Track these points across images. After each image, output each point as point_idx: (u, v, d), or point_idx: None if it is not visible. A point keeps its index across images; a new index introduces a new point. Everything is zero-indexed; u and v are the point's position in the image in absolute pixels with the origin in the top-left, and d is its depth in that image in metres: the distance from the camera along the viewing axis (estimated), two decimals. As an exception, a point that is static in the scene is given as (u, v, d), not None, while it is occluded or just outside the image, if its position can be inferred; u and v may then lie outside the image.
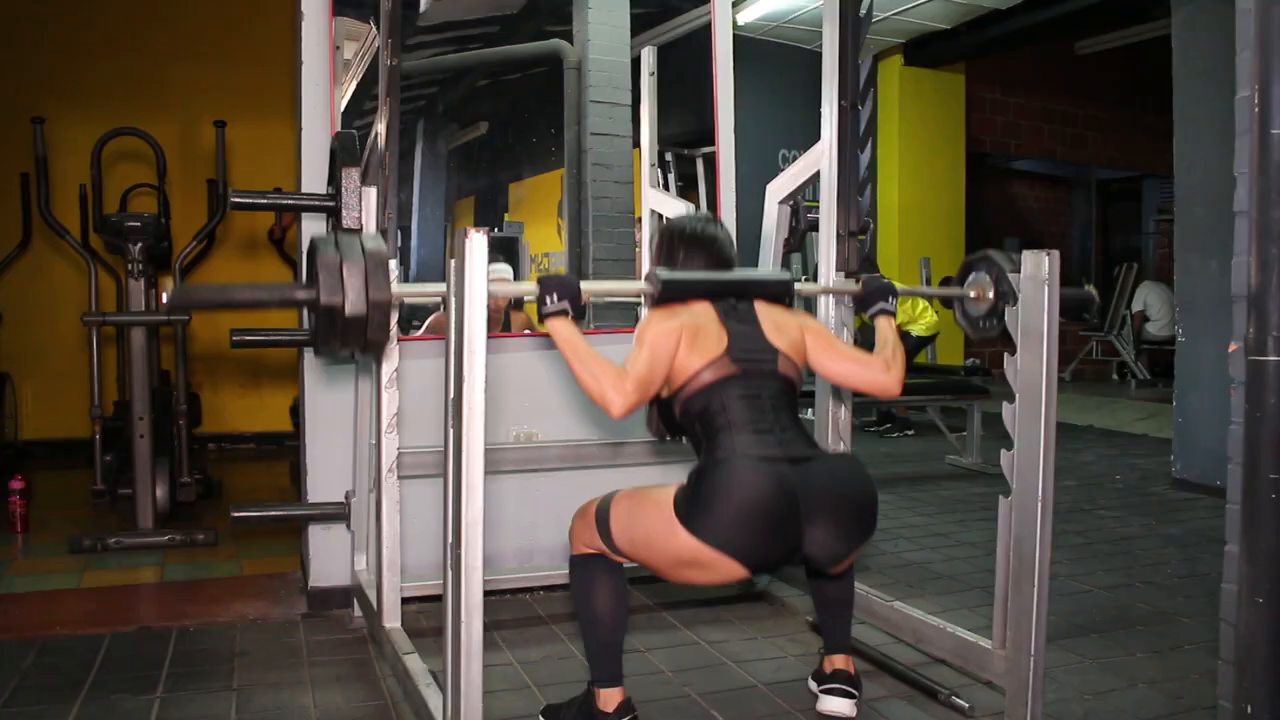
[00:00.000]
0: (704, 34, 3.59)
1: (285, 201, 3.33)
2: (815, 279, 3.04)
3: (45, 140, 4.54)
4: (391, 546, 2.73)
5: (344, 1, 3.14)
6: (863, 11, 2.90)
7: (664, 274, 2.15)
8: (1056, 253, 2.17)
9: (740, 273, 2.30)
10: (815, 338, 2.25)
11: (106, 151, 4.57)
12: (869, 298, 2.41)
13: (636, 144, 3.72)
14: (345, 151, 2.67)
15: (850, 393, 2.92)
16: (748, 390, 2.08)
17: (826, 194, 2.93)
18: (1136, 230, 12.27)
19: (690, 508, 1.96)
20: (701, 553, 1.94)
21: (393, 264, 2.68)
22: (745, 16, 6.78)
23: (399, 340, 2.71)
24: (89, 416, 4.36)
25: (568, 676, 2.59)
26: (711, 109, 3.56)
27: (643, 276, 2.19)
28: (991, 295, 2.33)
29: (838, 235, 2.97)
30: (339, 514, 3.03)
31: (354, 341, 1.87)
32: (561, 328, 2.02)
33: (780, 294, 2.28)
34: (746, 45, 5.45)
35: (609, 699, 2.14)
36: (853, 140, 2.90)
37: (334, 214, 2.80)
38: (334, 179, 2.79)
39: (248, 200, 3.03)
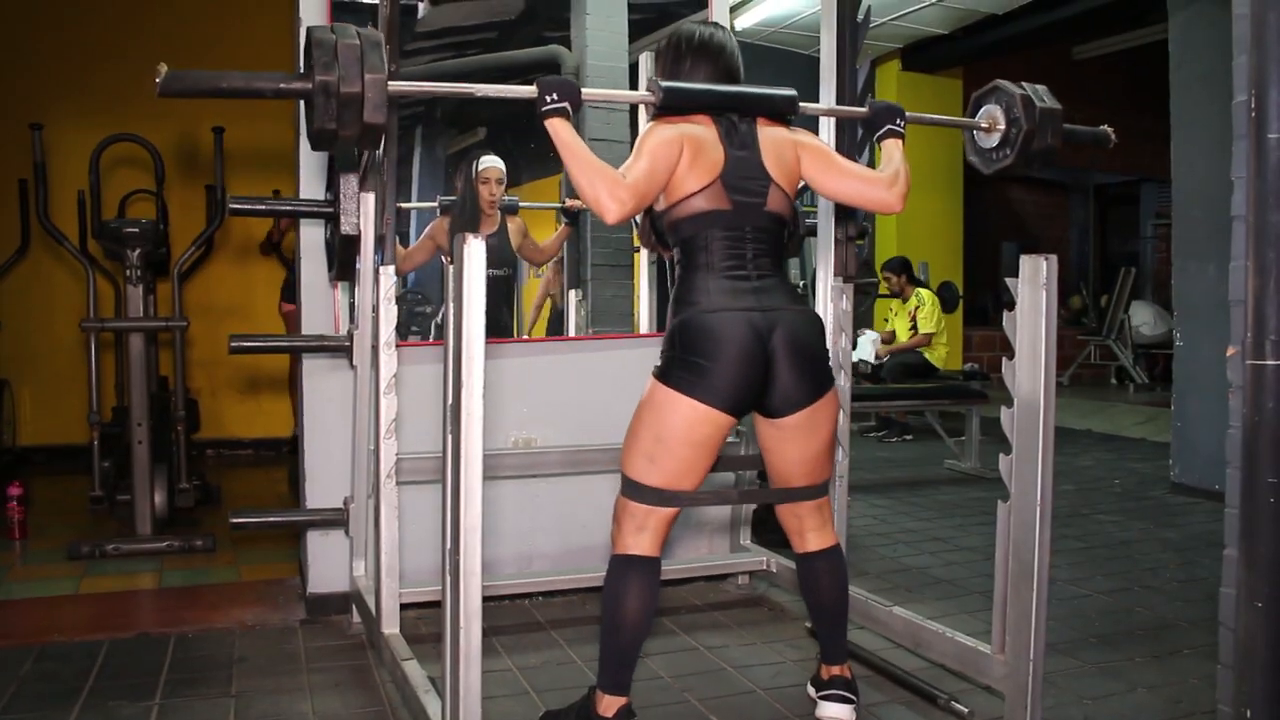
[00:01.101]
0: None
1: (283, 207, 3.34)
2: (813, 284, 3.04)
3: (44, 146, 4.54)
4: (390, 552, 2.73)
5: (342, 7, 3.14)
6: (860, 17, 2.91)
7: (666, 83, 2.11)
8: (1054, 257, 2.17)
9: (743, 88, 2.23)
10: (813, 156, 2.22)
11: (105, 157, 4.58)
12: (876, 118, 2.31)
13: (635, 149, 3.72)
14: (343, 158, 2.68)
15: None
16: (733, 230, 2.11)
17: (824, 199, 2.93)
18: (1134, 235, 12.28)
19: (684, 372, 2.05)
20: (704, 413, 2.04)
21: (391, 269, 2.69)
22: (743, 21, 6.79)
23: (397, 346, 2.71)
24: (87, 422, 4.35)
25: (567, 682, 2.59)
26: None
27: (643, 86, 2.16)
28: (1003, 124, 2.28)
29: (836, 240, 2.98)
30: (337, 520, 3.02)
31: (350, 125, 1.83)
32: (560, 127, 2.00)
33: (783, 110, 2.22)
34: (744, 50, 5.44)
35: (610, 705, 2.12)
36: (851, 145, 2.91)
37: (332, 219, 2.80)
38: (332, 185, 2.80)
39: (246, 206, 3.03)
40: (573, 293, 3.74)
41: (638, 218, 2.27)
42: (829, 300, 2.99)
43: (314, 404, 3.17)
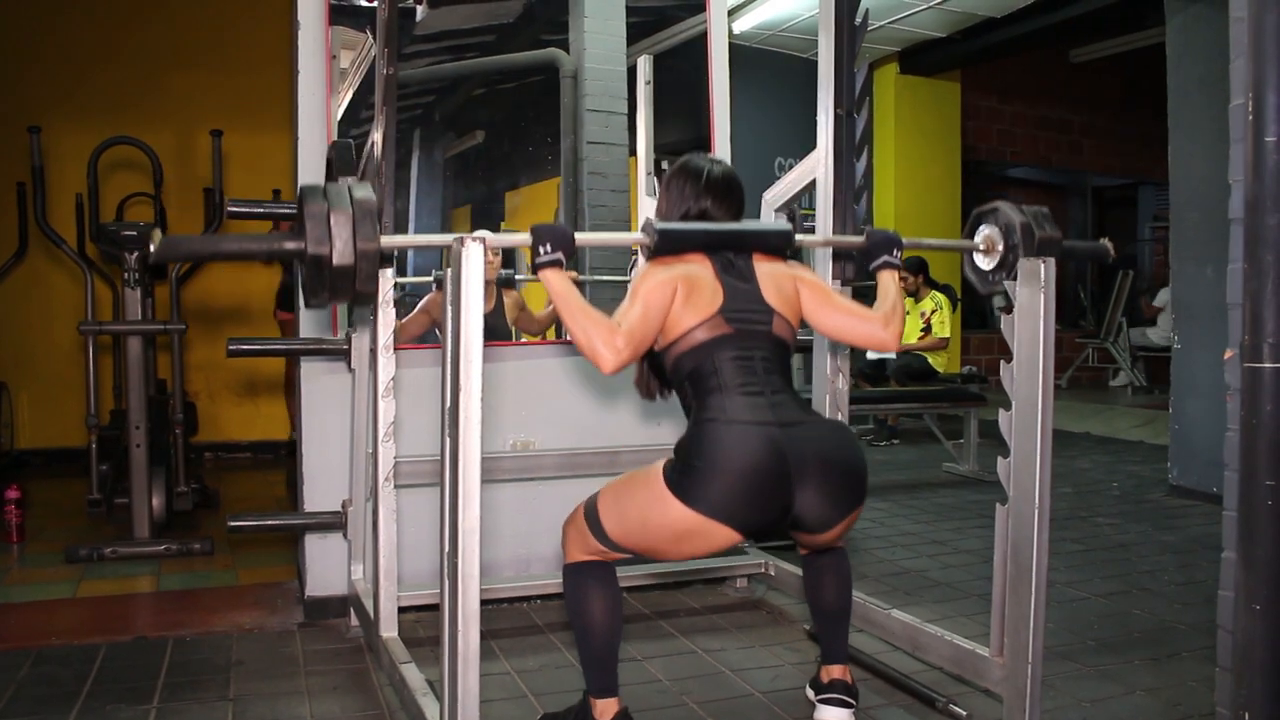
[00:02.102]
0: (700, 43, 3.60)
1: (281, 210, 3.33)
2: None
3: (42, 149, 4.54)
4: (388, 555, 2.73)
5: (341, 10, 3.14)
6: (858, 20, 2.91)
7: (660, 225, 2.09)
8: (1053, 260, 2.17)
9: (738, 225, 2.23)
10: (811, 292, 2.22)
11: (103, 161, 4.57)
12: (873, 249, 2.30)
13: (633, 152, 3.73)
14: (342, 160, 2.68)
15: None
16: (740, 351, 2.07)
17: (822, 202, 2.93)
18: (1132, 237, 12.28)
19: (682, 478, 1.95)
20: (696, 523, 1.94)
21: (389, 272, 2.69)
22: (741, 25, 6.80)
23: (395, 349, 2.71)
24: (85, 426, 4.35)
25: (565, 685, 2.59)
26: (707, 117, 3.57)
27: (640, 227, 2.16)
28: (1001, 248, 2.28)
29: (834, 243, 2.98)
30: (335, 523, 3.02)
31: (342, 293, 1.84)
32: (554, 278, 1.97)
33: (779, 247, 2.22)
34: (742, 54, 5.45)
35: (605, 709, 2.13)
36: (848, 148, 2.91)
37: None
38: (330, 188, 2.79)
39: (244, 209, 3.02)
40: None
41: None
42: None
43: (312, 407, 3.16)
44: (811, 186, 2.99)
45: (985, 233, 2.29)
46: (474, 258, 1.80)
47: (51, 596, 3.45)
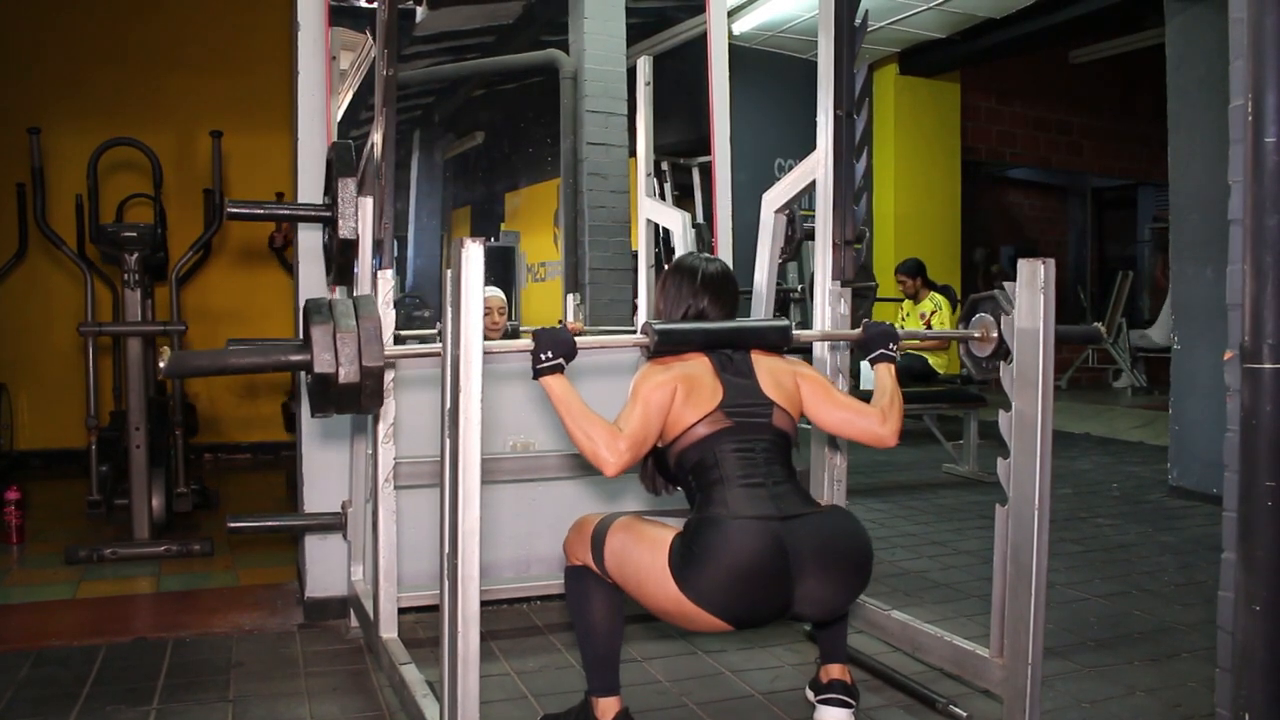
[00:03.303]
0: (699, 44, 3.60)
1: (281, 212, 3.34)
2: (811, 288, 3.04)
3: (42, 150, 4.54)
4: (388, 556, 2.73)
5: (340, 12, 3.15)
6: (858, 21, 2.91)
7: (659, 325, 2.14)
8: (1052, 261, 2.17)
9: (735, 323, 2.27)
10: (811, 387, 2.24)
11: (103, 162, 4.58)
12: (870, 343, 2.35)
13: (632, 153, 3.73)
14: (341, 161, 2.68)
15: (846, 440, 2.92)
16: (742, 444, 2.08)
17: (822, 203, 2.93)
18: (1132, 238, 12.29)
19: (683, 564, 1.95)
20: (688, 608, 1.95)
21: (389, 274, 2.69)
22: (741, 26, 6.80)
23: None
24: (85, 426, 4.35)
25: (565, 686, 2.59)
26: (707, 118, 3.57)
27: (639, 329, 2.19)
28: (995, 336, 2.31)
29: (833, 244, 2.98)
30: (335, 524, 3.02)
31: (348, 408, 1.88)
32: (555, 385, 2.03)
33: (776, 343, 2.26)
34: (742, 55, 5.46)
35: (606, 709, 2.14)
36: (848, 149, 2.91)
37: (330, 224, 2.80)
38: (330, 189, 2.79)
39: (244, 210, 3.03)
40: (571, 296, 3.75)
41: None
42: (827, 304, 2.99)
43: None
44: (811, 187, 2.98)
45: (980, 320, 2.34)
46: (474, 258, 1.80)
47: (51, 598, 3.45)
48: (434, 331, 3.50)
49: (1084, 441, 7.17)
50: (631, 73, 3.71)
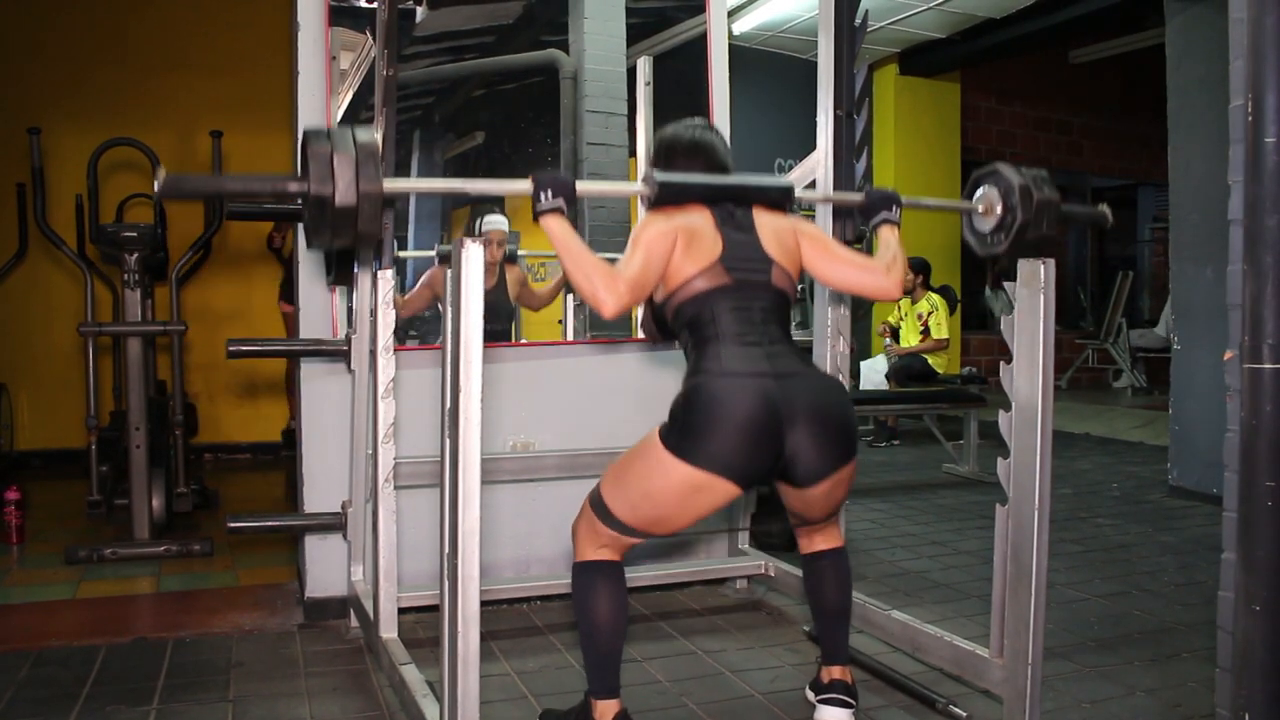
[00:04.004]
0: (700, 43, 3.60)
1: (281, 211, 3.34)
2: (812, 288, 3.04)
3: (42, 151, 4.54)
4: (388, 556, 2.73)
5: (340, 12, 3.14)
6: (858, 21, 2.91)
7: (660, 175, 2.11)
8: (1052, 261, 2.18)
9: (739, 178, 2.25)
10: (812, 243, 2.23)
11: (103, 162, 4.57)
12: (872, 206, 2.32)
13: (633, 154, 3.73)
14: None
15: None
16: (739, 302, 2.09)
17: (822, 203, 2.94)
18: (1132, 238, 12.29)
19: (681, 438, 1.98)
20: (698, 479, 1.98)
21: (389, 273, 2.69)
22: (741, 26, 6.80)
23: (395, 350, 2.71)
24: (85, 427, 4.34)
25: (565, 686, 2.59)
26: (707, 118, 3.56)
27: (640, 179, 2.17)
28: (1000, 209, 2.28)
29: (834, 244, 2.97)
30: (335, 524, 3.02)
31: (344, 234, 1.84)
32: (555, 225, 1.99)
33: (780, 200, 2.24)
34: (742, 55, 5.46)
35: (606, 710, 2.13)
36: (848, 149, 2.91)
37: (330, 224, 2.79)
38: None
39: (244, 210, 3.03)
40: (571, 297, 3.74)
41: (639, 310, 2.27)
42: (826, 304, 2.99)
43: (312, 408, 3.16)
44: (812, 187, 2.99)
45: (984, 194, 2.29)
46: (474, 259, 1.80)
47: (51, 598, 3.45)
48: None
49: (1084, 441, 7.17)
50: (631, 73, 3.70)
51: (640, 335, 3.41)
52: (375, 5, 2.81)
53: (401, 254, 3.59)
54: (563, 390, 3.35)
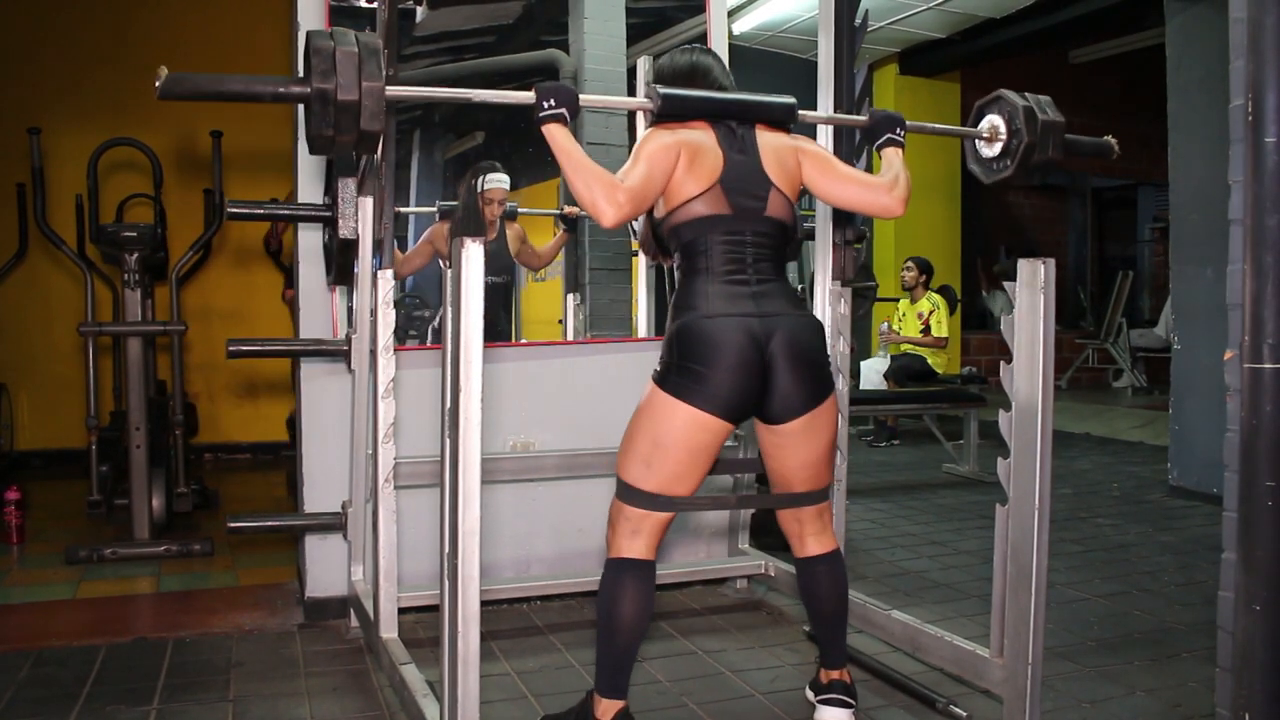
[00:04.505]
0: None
1: (281, 212, 3.34)
2: (812, 288, 3.04)
3: (41, 150, 4.54)
4: (388, 556, 2.73)
5: (340, 12, 3.14)
6: (858, 21, 2.91)
7: (663, 90, 2.12)
8: (1052, 261, 2.17)
9: (741, 95, 2.24)
10: (813, 160, 2.23)
11: (103, 162, 4.58)
12: (876, 127, 2.33)
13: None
14: (341, 162, 2.68)
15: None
16: (733, 235, 2.11)
17: (822, 203, 2.93)
18: (1132, 238, 12.29)
19: (680, 378, 2.05)
20: (699, 419, 2.04)
21: (389, 273, 2.69)
22: (741, 26, 6.80)
23: (396, 350, 2.71)
24: (85, 427, 4.35)
25: (565, 686, 2.59)
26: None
27: (642, 93, 2.17)
28: (1004, 134, 2.26)
29: (834, 244, 2.98)
30: (335, 524, 3.02)
31: (347, 131, 1.84)
32: (558, 133, 2.01)
33: (783, 118, 2.24)
34: (742, 54, 5.46)
35: (608, 709, 2.11)
36: (848, 149, 2.91)
37: (330, 224, 2.80)
38: (330, 189, 2.80)
39: (244, 210, 3.03)
40: (571, 297, 3.75)
41: (637, 225, 2.27)
42: (827, 304, 2.99)
43: (312, 408, 3.16)
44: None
45: (989, 121, 2.28)
46: (474, 258, 1.80)
47: (51, 598, 3.45)
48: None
49: (1084, 441, 7.17)
50: (632, 72, 3.71)
51: (641, 336, 3.43)
52: (375, 5, 2.81)
53: (402, 209, 3.58)
54: (563, 390, 3.35)
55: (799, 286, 6.83)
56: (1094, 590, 3.47)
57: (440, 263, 3.77)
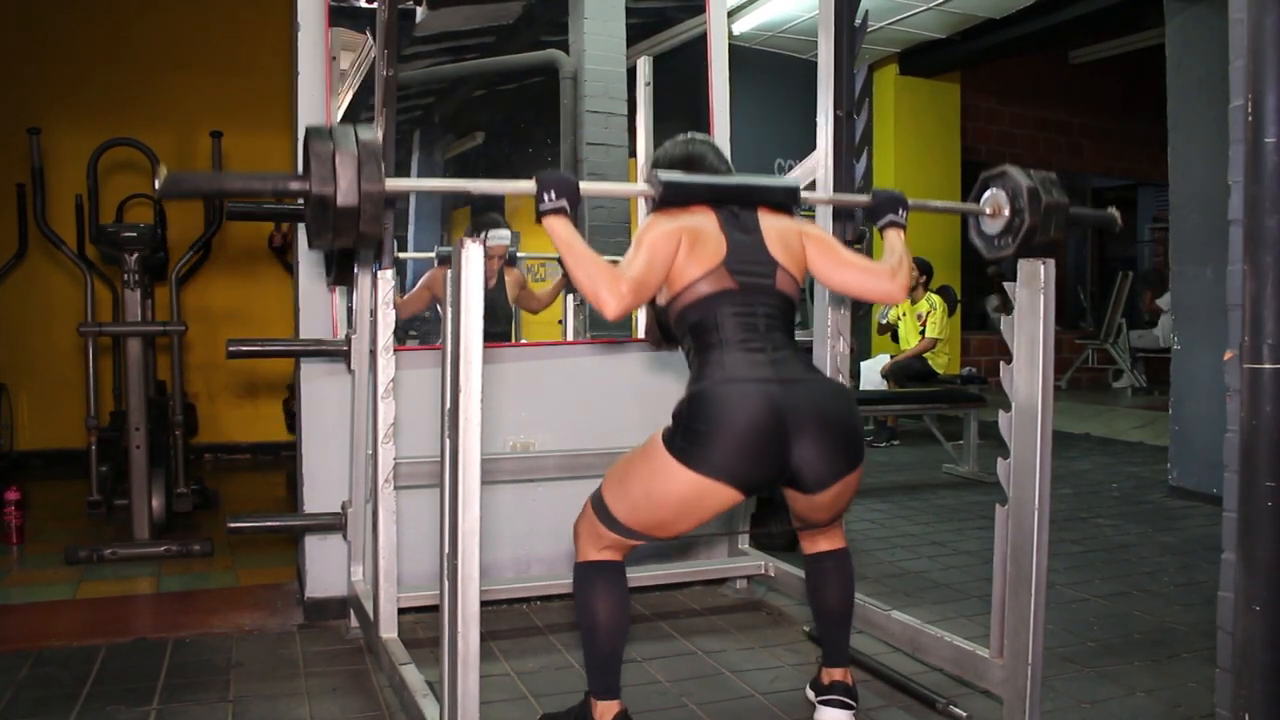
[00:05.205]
0: (700, 44, 3.60)
1: (281, 211, 3.34)
2: (812, 288, 3.04)
3: (41, 151, 4.54)
4: (388, 557, 2.73)
5: (340, 12, 3.14)
6: (858, 21, 2.91)
7: (665, 175, 2.10)
8: (1052, 261, 2.17)
9: (743, 178, 2.24)
10: (817, 245, 2.22)
11: (103, 162, 4.58)
12: (879, 208, 2.31)
13: (632, 154, 3.73)
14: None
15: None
16: (743, 307, 2.08)
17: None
18: (1132, 238, 12.30)
19: (684, 443, 1.97)
20: (701, 485, 1.97)
21: (389, 274, 2.69)
22: (741, 26, 6.80)
23: (395, 350, 2.71)
24: (85, 427, 4.35)
25: (565, 687, 2.59)
26: (707, 119, 3.57)
27: (644, 178, 2.15)
28: (1007, 212, 2.27)
29: (834, 244, 2.97)
30: (335, 524, 3.02)
31: (346, 234, 1.84)
32: (559, 225, 1.98)
33: (784, 201, 2.22)
34: (742, 55, 5.46)
35: (606, 710, 2.13)
36: (848, 149, 2.91)
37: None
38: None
39: (244, 210, 3.03)
40: (571, 297, 3.75)
41: (641, 313, 2.25)
42: (827, 305, 2.99)
43: (312, 408, 3.16)
44: (812, 187, 2.99)
45: (992, 196, 2.28)
46: (474, 259, 1.80)
47: (51, 598, 3.45)
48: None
49: (1084, 441, 7.17)
50: (632, 73, 3.70)
51: (641, 336, 3.43)
52: (375, 5, 2.81)
53: (401, 255, 3.59)
54: (563, 390, 3.35)
55: (802, 289, 6.83)
56: (1094, 591, 3.47)
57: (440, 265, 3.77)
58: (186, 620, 3.17)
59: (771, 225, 2.18)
